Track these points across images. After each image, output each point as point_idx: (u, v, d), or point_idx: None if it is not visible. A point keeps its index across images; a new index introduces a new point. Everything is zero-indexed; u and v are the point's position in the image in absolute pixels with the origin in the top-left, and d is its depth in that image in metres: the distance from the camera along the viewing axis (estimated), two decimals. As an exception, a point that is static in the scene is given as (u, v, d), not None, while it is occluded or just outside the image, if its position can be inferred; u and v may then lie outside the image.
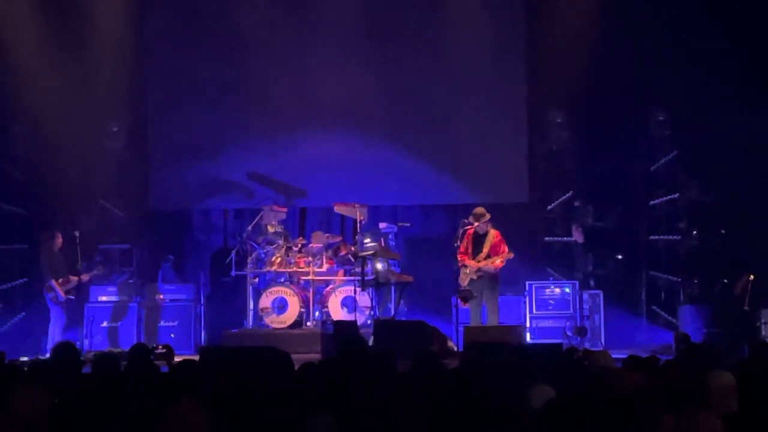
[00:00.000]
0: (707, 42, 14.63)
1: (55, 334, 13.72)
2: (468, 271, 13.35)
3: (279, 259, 14.97)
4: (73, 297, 14.19)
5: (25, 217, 15.96)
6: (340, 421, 4.96)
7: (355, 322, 13.46)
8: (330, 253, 15.09)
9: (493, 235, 13.44)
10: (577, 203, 15.85)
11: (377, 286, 14.21)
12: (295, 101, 16.39)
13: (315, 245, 14.93)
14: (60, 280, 13.92)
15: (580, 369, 6.64)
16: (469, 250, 13.43)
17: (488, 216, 13.44)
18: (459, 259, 13.49)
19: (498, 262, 13.32)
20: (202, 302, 15.41)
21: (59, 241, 14.20)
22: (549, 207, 16.04)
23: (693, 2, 14.97)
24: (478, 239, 13.45)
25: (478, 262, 13.33)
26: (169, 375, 6.45)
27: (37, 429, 4.85)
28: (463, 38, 16.10)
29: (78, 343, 13.28)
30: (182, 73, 16.50)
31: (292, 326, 14.59)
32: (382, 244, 14.51)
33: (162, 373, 6.73)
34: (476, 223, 13.38)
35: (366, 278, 14.15)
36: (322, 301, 14.83)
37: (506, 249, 13.40)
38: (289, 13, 16.47)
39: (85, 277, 14.40)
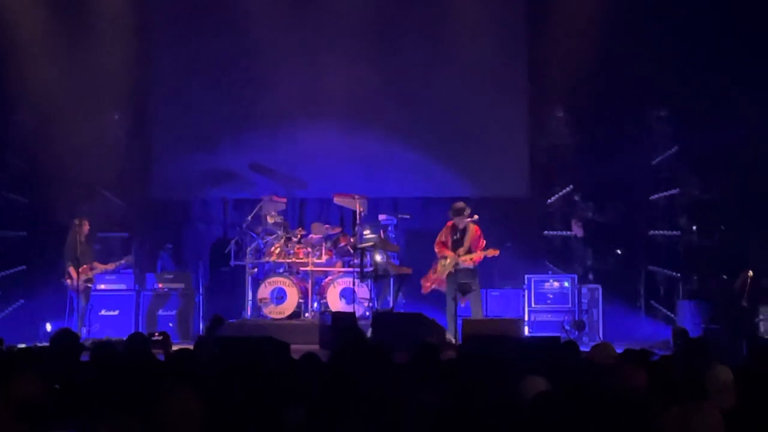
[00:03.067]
0: (708, 38, 14.62)
1: (70, 321, 13.84)
2: (447, 263, 13.40)
3: (278, 250, 14.96)
4: (91, 285, 14.31)
5: (25, 204, 15.96)
6: (336, 412, 4.95)
7: (354, 313, 13.46)
8: (329, 244, 15.07)
9: (473, 230, 13.46)
10: (577, 197, 15.87)
11: (376, 277, 14.21)
12: (297, 93, 16.41)
13: (314, 236, 14.93)
14: (81, 267, 13.97)
15: (575, 361, 6.64)
16: (448, 243, 13.47)
17: (468, 211, 13.48)
18: (437, 250, 13.53)
19: (477, 257, 13.33)
20: (200, 292, 15.40)
21: (86, 228, 14.26)
22: (549, 201, 16.06)
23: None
24: (458, 233, 13.47)
25: (459, 255, 13.35)
26: (165, 363, 6.46)
27: (34, 415, 4.86)
28: (465, 33, 16.12)
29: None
30: (185, 62, 16.52)
31: (290, 317, 14.59)
32: (382, 236, 14.48)
33: (159, 361, 6.74)
34: (455, 218, 13.44)
35: (365, 270, 14.15)
36: (320, 292, 14.83)
37: (484, 244, 13.41)
38: (293, 5, 16.47)
39: (111, 266, 14.55)
